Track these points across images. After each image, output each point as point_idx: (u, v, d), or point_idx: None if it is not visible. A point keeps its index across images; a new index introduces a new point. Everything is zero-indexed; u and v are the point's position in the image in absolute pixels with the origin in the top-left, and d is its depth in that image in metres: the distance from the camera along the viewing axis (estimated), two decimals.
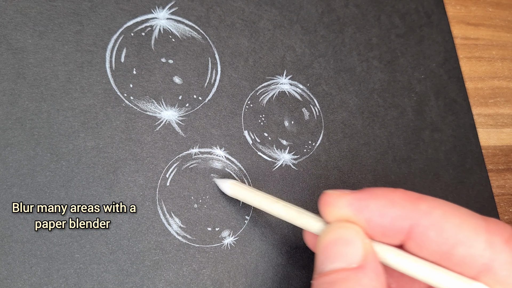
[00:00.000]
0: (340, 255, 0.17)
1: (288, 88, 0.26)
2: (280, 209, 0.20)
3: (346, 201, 0.18)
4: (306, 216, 0.20)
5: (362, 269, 0.17)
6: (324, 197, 0.19)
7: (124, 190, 0.22)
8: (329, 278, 0.17)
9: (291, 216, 0.20)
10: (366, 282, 0.16)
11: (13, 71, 0.21)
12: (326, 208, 0.18)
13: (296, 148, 0.26)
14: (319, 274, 0.17)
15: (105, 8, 0.23)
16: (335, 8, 0.28)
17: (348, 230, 0.18)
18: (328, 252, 0.17)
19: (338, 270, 0.17)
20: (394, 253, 0.18)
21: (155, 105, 0.23)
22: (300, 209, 0.20)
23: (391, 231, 0.17)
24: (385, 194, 0.18)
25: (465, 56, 0.32)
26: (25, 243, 0.20)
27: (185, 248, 0.23)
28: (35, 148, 0.21)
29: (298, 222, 0.20)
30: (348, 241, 0.17)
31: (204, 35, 0.25)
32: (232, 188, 0.22)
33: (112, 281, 0.21)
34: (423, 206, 0.17)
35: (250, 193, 0.22)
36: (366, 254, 0.17)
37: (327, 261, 0.17)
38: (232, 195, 0.23)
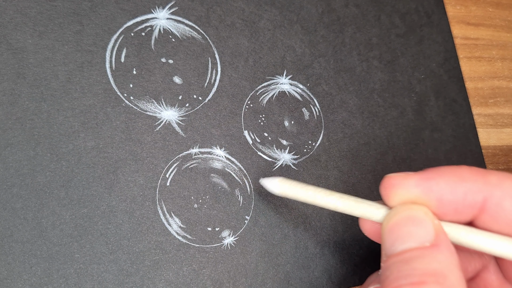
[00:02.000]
0: (412, 235, 0.17)
1: (288, 88, 0.26)
2: (336, 201, 0.20)
3: (414, 181, 0.18)
4: (366, 204, 0.19)
5: (436, 247, 0.17)
6: (387, 180, 0.18)
7: (124, 190, 0.22)
8: (402, 257, 0.17)
9: (349, 207, 0.20)
10: (442, 258, 0.16)
11: (13, 71, 0.21)
12: (390, 191, 0.18)
13: (296, 148, 0.26)
14: (390, 255, 0.17)
15: (105, 8, 0.23)
16: (335, 8, 0.28)
17: (417, 211, 0.18)
18: (397, 233, 0.17)
19: (412, 249, 0.17)
20: (466, 230, 0.18)
21: (155, 105, 0.23)
22: (357, 199, 0.20)
23: (464, 207, 0.17)
24: (453, 171, 0.18)
25: (465, 56, 0.32)
26: (25, 243, 0.20)
27: (185, 248, 0.23)
28: (35, 148, 0.21)
29: (358, 212, 0.19)
30: (418, 221, 0.17)
31: (204, 35, 0.25)
32: (281, 187, 0.21)
33: (112, 281, 0.21)
34: (493, 178, 0.17)
35: (301, 189, 0.21)
36: (437, 233, 0.17)
37: (398, 242, 0.17)
38: (281, 194, 0.21)
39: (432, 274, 0.16)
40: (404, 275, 0.16)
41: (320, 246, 0.25)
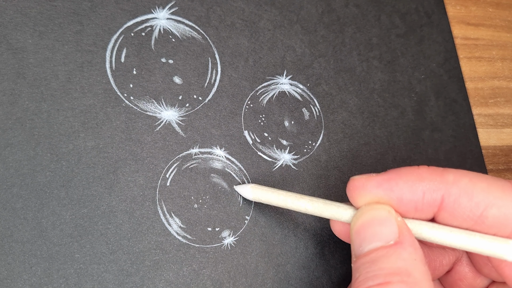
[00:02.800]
0: (376, 235, 0.18)
1: (288, 88, 0.26)
2: (306, 204, 0.21)
3: (376, 182, 0.19)
4: (334, 206, 0.20)
5: (400, 244, 0.17)
6: (352, 183, 0.19)
7: (124, 190, 0.22)
8: (369, 257, 0.17)
9: (318, 209, 0.20)
10: (406, 255, 0.17)
11: (13, 71, 0.21)
12: (355, 193, 0.19)
13: (296, 148, 0.26)
14: (358, 256, 0.18)
15: (105, 8, 0.23)
16: (335, 8, 0.28)
17: (380, 211, 0.18)
18: (363, 234, 0.18)
19: (377, 249, 0.17)
20: (428, 226, 0.18)
21: (155, 105, 0.23)
22: (326, 201, 0.20)
23: (424, 205, 0.18)
24: (412, 171, 0.18)
25: (465, 56, 0.32)
26: (25, 243, 0.20)
27: (185, 248, 0.23)
28: (35, 148, 0.21)
29: (327, 213, 0.20)
30: (381, 220, 0.18)
31: (204, 35, 0.25)
32: (254, 192, 0.22)
33: (112, 281, 0.21)
34: (450, 177, 0.18)
35: (273, 194, 0.22)
36: (401, 230, 0.18)
37: (364, 243, 0.18)
38: (255, 199, 0.23)
39: (396, 273, 0.16)
40: (371, 276, 0.16)
41: (320, 246, 0.25)
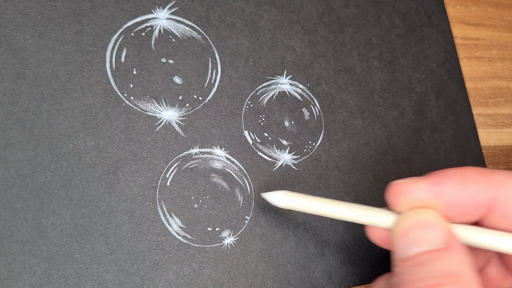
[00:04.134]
0: (423, 239, 0.17)
1: (288, 88, 0.26)
2: (344, 211, 0.20)
3: (424, 187, 0.18)
4: (374, 212, 0.19)
5: (449, 249, 0.17)
6: (394, 188, 0.19)
7: (124, 190, 0.22)
8: (416, 260, 0.17)
9: (357, 216, 0.20)
10: (456, 260, 0.17)
11: (13, 71, 0.21)
12: (397, 198, 0.19)
13: (296, 148, 0.26)
14: (402, 260, 0.17)
15: (105, 8, 0.23)
16: (335, 8, 0.28)
17: (426, 215, 0.18)
18: (409, 237, 0.18)
19: (425, 253, 0.17)
20: (475, 230, 0.18)
21: (155, 105, 0.23)
22: (365, 206, 0.20)
23: (472, 208, 0.18)
24: (459, 174, 0.18)
25: (465, 56, 0.32)
26: (25, 243, 0.20)
27: (185, 248, 0.23)
28: (35, 148, 0.21)
29: (366, 220, 0.20)
30: (429, 224, 0.18)
31: (204, 35, 0.25)
32: (286, 200, 0.21)
33: (112, 281, 0.21)
34: (499, 178, 0.18)
35: (307, 201, 0.21)
36: (448, 235, 0.17)
37: (410, 246, 0.17)
38: (286, 207, 0.21)
39: (448, 275, 0.16)
40: (420, 278, 0.16)
41: (320, 246, 0.25)
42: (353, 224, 0.26)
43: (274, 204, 0.22)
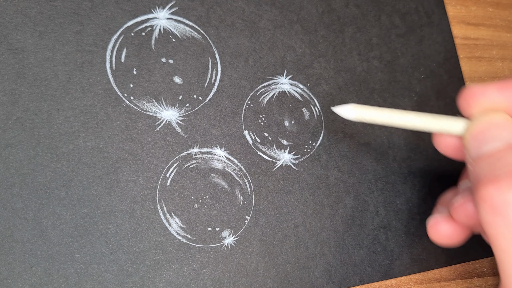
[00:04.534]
0: (497, 137, 0.18)
1: (288, 88, 0.26)
2: (414, 119, 0.21)
3: (496, 87, 0.19)
4: (444, 119, 0.20)
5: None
6: (469, 89, 0.20)
7: (124, 190, 0.22)
8: (491, 156, 0.18)
9: (427, 123, 0.20)
10: None
11: (13, 71, 0.21)
12: (472, 100, 0.20)
13: (296, 148, 0.26)
14: (477, 158, 0.18)
15: (106, 8, 0.23)
16: (335, 8, 0.28)
17: (497, 116, 0.19)
18: (482, 137, 0.19)
19: (500, 149, 0.18)
20: None
21: (155, 105, 0.23)
22: (434, 115, 0.20)
23: None
24: None
25: (465, 56, 0.32)
26: (25, 243, 0.20)
27: (186, 248, 0.23)
28: (36, 148, 0.21)
29: (437, 127, 0.20)
30: (500, 124, 0.19)
31: (205, 35, 0.25)
32: (356, 111, 0.22)
33: (112, 281, 0.21)
34: None
35: (377, 111, 0.21)
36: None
37: (485, 145, 0.18)
38: (357, 119, 0.22)
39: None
40: (499, 167, 0.17)
41: (320, 246, 0.25)
42: (353, 224, 0.26)
43: (345, 116, 0.22)
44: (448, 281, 0.27)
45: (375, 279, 0.26)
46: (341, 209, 0.26)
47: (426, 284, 0.27)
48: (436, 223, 0.22)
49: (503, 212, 0.16)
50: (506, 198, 0.16)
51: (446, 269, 0.28)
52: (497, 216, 0.17)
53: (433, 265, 0.27)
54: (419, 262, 0.27)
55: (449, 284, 0.27)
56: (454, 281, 0.27)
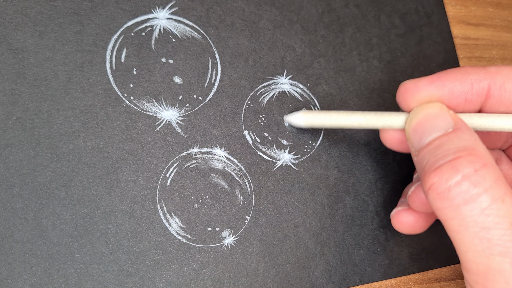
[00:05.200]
0: (434, 127, 0.19)
1: (288, 88, 0.26)
2: (359, 119, 0.22)
3: (427, 80, 0.21)
4: (386, 115, 0.22)
5: (459, 130, 0.19)
6: (403, 86, 0.21)
7: (124, 190, 0.22)
8: (432, 145, 0.19)
9: (371, 121, 0.22)
10: (467, 137, 0.19)
11: (13, 71, 0.21)
12: (407, 94, 0.21)
13: (296, 148, 0.26)
14: (419, 149, 0.20)
15: (106, 8, 0.23)
16: (335, 8, 0.28)
17: (433, 107, 0.20)
18: (421, 129, 0.20)
19: (438, 137, 0.19)
20: (477, 115, 0.21)
21: (155, 105, 0.23)
22: (377, 112, 0.22)
23: (473, 95, 0.20)
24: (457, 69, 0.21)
25: (465, 56, 0.32)
26: (25, 243, 0.20)
27: (186, 248, 0.23)
28: (36, 148, 0.21)
29: (380, 124, 0.22)
30: (436, 115, 0.20)
31: (204, 35, 0.25)
32: (306, 118, 0.23)
33: (112, 281, 0.21)
34: (492, 69, 0.20)
35: (325, 115, 0.23)
36: (456, 120, 0.20)
37: (424, 136, 0.20)
38: (307, 125, 0.24)
39: (463, 149, 0.18)
40: (440, 157, 0.18)
41: (320, 246, 0.25)
42: (353, 224, 0.26)
43: (297, 125, 0.24)
44: (448, 281, 0.27)
45: (375, 279, 0.26)
46: (341, 209, 0.26)
47: (426, 284, 0.27)
48: (397, 213, 0.24)
49: (448, 196, 0.18)
50: (448, 183, 0.18)
51: (446, 269, 0.28)
52: (443, 201, 0.18)
53: (433, 265, 0.27)
54: (419, 262, 0.27)
55: (449, 284, 0.27)
56: (454, 281, 0.27)
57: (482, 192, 0.17)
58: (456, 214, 0.17)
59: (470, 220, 0.17)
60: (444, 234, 0.28)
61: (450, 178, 0.17)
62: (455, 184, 0.17)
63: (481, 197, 0.17)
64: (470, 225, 0.17)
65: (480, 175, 0.17)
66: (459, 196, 0.17)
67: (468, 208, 0.17)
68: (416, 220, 0.23)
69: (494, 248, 0.17)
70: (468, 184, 0.17)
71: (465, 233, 0.17)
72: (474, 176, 0.17)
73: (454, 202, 0.17)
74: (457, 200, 0.17)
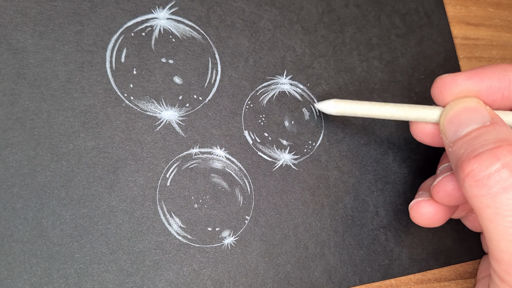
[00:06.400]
0: (472, 119, 0.20)
1: (288, 88, 0.26)
2: (392, 110, 0.22)
3: (466, 75, 0.21)
4: (420, 108, 0.22)
5: (496, 124, 0.19)
6: (440, 80, 0.21)
7: (124, 190, 0.22)
8: (469, 136, 0.19)
9: (404, 113, 0.22)
10: (504, 130, 0.19)
11: (13, 71, 0.21)
12: (444, 88, 0.21)
13: (296, 148, 0.26)
14: (455, 140, 0.20)
15: (105, 8, 0.23)
16: (335, 8, 0.28)
17: (470, 101, 0.20)
18: (458, 121, 0.20)
19: (476, 129, 0.19)
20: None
21: (155, 105, 0.23)
22: (410, 105, 0.22)
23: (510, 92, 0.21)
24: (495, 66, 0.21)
25: (465, 56, 0.32)
26: (25, 243, 0.20)
27: (186, 248, 0.23)
28: (36, 148, 0.21)
29: (413, 116, 0.22)
30: (473, 109, 0.20)
31: (204, 35, 0.25)
32: (338, 106, 0.23)
33: (112, 281, 0.21)
34: None
35: (357, 105, 0.23)
36: (492, 115, 0.20)
37: (461, 127, 0.20)
38: (338, 113, 0.24)
39: (501, 140, 0.18)
40: (479, 146, 0.18)
41: (320, 246, 0.25)
42: (353, 224, 0.26)
43: (328, 112, 0.24)
44: (448, 281, 0.27)
45: (375, 279, 0.26)
46: (341, 209, 0.26)
47: (426, 284, 0.27)
48: (417, 204, 0.23)
49: (487, 184, 0.18)
50: (488, 170, 0.18)
51: (446, 269, 0.28)
52: (481, 188, 0.18)
53: (433, 265, 0.27)
54: (419, 262, 0.27)
55: (449, 284, 0.27)
56: (454, 281, 0.27)
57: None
58: (493, 202, 0.17)
59: (507, 209, 0.17)
60: (444, 235, 0.28)
61: (490, 165, 0.17)
62: (495, 171, 0.17)
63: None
64: (506, 214, 0.17)
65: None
66: (498, 183, 0.17)
67: (506, 196, 0.17)
68: (436, 212, 0.23)
69: None
70: (508, 172, 0.17)
71: (501, 221, 0.17)
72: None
73: (492, 190, 0.17)
74: (496, 187, 0.17)
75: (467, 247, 0.28)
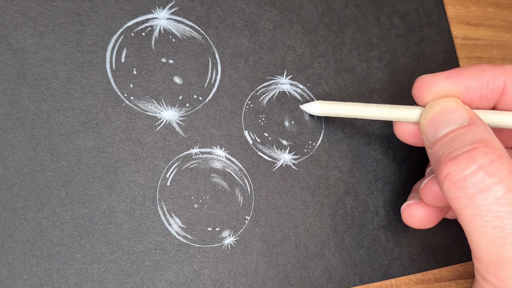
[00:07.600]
0: (450, 120, 0.20)
1: (288, 88, 0.26)
2: (374, 110, 0.23)
3: (444, 76, 0.21)
4: (401, 108, 0.22)
5: (474, 124, 0.19)
6: (420, 80, 0.21)
7: (124, 190, 0.22)
8: (447, 138, 0.19)
9: (386, 113, 0.22)
10: (482, 130, 0.19)
11: (13, 71, 0.21)
12: (424, 88, 0.21)
13: (296, 148, 0.26)
14: (434, 141, 0.20)
15: (106, 8, 0.23)
16: (335, 8, 0.28)
17: (448, 102, 0.21)
18: (436, 122, 0.20)
19: (454, 130, 0.19)
20: (491, 112, 0.21)
21: (155, 105, 0.23)
22: (392, 105, 0.22)
23: (488, 92, 0.21)
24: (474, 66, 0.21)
25: (465, 56, 0.32)
26: (25, 243, 0.20)
27: (186, 248, 0.23)
28: (36, 148, 0.21)
29: (394, 116, 0.22)
30: (452, 109, 0.20)
31: (205, 35, 0.25)
32: (322, 107, 0.24)
33: (112, 281, 0.21)
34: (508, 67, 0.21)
35: (340, 106, 0.23)
36: (471, 114, 0.20)
37: (440, 128, 0.20)
38: (323, 114, 0.24)
39: (479, 141, 0.18)
40: (456, 148, 0.18)
41: (320, 246, 0.25)
42: (353, 224, 0.26)
43: (312, 113, 0.25)
44: (448, 281, 0.27)
45: (375, 279, 0.26)
46: (341, 209, 0.26)
47: (426, 284, 0.27)
48: (408, 207, 0.24)
49: (463, 186, 0.18)
50: (464, 173, 0.18)
51: (446, 269, 0.28)
52: (458, 190, 0.18)
53: (433, 265, 0.27)
54: (419, 262, 0.27)
55: (449, 284, 0.27)
56: (454, 281, 0.27)
57: (497, 182, 0.17)
58: (471, 203, 0.18)
59: (484, 209, 0.17)
60: (444, 235, 0.28)
61: (466, 167, 0.18)
62: (471, 173, 0.18)
63: (496, 187, 0.17)
64: (483, 214, 0.17)
65: (495, 166, 0.18)
66: (474, 185, 0.18)
67: (482, 197, 0.17)
68: (427, 214, 0.23)
69: (507, 237, 0.17)
70: (484, 174, 0.17)
71: (479, 222, 0.18)
72: (489, 166, 0.18)
73: (469, 191, 0.18)
74: (472, 189, 0.18)
75: (467, 247, 0.28)
